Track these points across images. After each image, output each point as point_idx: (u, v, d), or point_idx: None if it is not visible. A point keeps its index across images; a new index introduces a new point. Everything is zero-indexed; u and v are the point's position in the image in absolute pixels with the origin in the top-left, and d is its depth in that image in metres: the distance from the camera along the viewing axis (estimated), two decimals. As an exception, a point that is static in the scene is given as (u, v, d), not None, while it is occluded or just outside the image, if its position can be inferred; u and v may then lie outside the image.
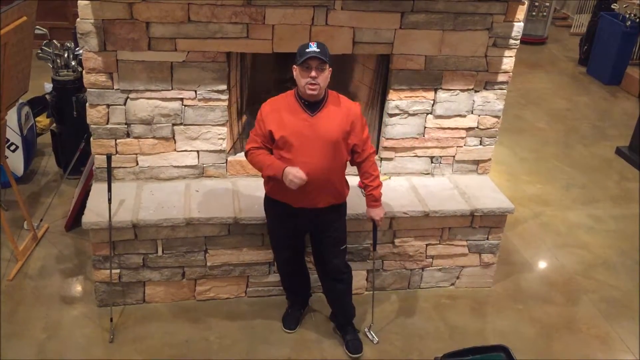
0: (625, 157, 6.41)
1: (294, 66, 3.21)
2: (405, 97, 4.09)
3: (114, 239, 3.69)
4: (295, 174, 3.16)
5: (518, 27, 4.02)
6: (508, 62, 4.11)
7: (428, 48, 3.96)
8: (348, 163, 3.46)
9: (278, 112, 3.26)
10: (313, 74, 3.14)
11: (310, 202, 3.35)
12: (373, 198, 3.50)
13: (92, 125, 3.84)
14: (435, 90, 4.11)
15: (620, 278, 4.62)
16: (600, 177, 6.05)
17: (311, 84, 3.16)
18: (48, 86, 5.57)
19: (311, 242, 3.66)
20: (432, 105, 4.15)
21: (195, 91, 3.84)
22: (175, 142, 3.97)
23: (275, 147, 3.30)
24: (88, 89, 3.75)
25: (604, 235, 5.13)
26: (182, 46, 3.71)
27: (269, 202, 3.53)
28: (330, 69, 3.24)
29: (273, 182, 3.37)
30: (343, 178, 3.45)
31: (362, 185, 3.64)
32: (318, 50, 3.13)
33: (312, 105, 3.26)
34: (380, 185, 3.49)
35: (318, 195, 3.34)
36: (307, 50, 3.14)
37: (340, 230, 3.56)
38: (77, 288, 4.09)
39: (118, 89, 3.76)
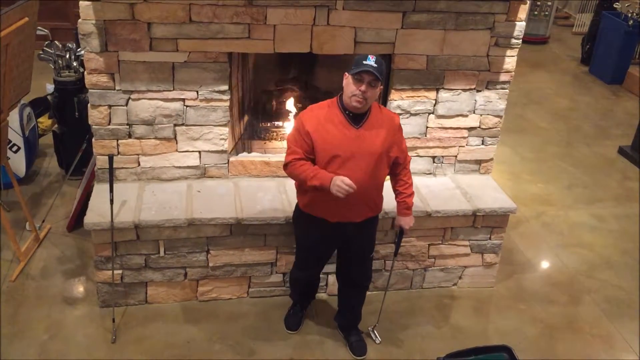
0: (628, 157, 6.40)
1: (346, 73, 3.14)
2: (407, 96, 4.09)
3: (116, 240, 3.69)
4: (343, 182, 3.01)
5: (520, 27, 4.01)
6: (510, 61, 4.10)
7: (430, 48, 3.96)
8: None
9: (322, 124, 3.15)
10: (363, 88, 3.05)
11: (349, 216, 3.29)
12: (406, 205, 3.44)
13: (93, 126, 3.84)
14: (437, 90, 4.11)
15: (623, 278, 4.61)
16: (603, 177, 6.04)
17: (359, 97, 3.07)
18: (50, 87, 5.58)
19: (339, 252, 3.59)
20: (434, 105, 4.15)
21: (197, 91, 3.84)
22: (176, 143, 3.97)
23: (318, 160, 3.19)
24: (90, 90, 3.75)
25: (607, 235, 5.12)
26: (184, 46, 3.71)
27: (303, 217, 3.42)
28: (382, 86, 3.19)
29: (310, 196, 3.28)
30: (381, 191, 3.40)
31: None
32: (375, 65, 3.04)
33: (357, 117, 3.16)
34: (413, 193, 3.45)
35: (358, 209, 3.29)
36: (365, 62, 3.04)
37: (371, 239, 3.54)
38: (79, 289, 4.09)
39: (120, 90, 3.76)
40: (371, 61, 3.05)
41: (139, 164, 3.99)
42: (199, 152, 4.03)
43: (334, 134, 3.15)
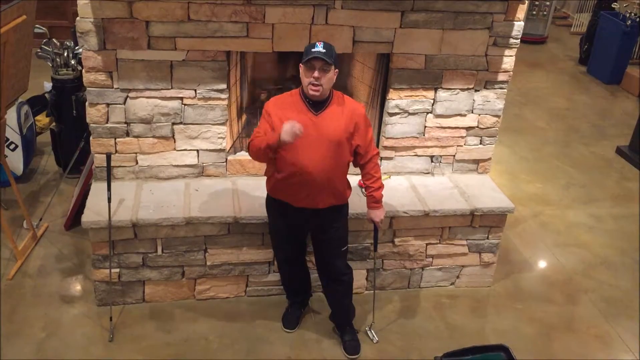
0: (625, 157, 6.41)
1: (300, 64, 3.20)
2: (406, 96, 4.09)
3: (113, 238, 3.69)
4: (291, 125, 3.03)
5: (518, 26, 4.01)
6: (508, 61, 4.11)
7: (428, 47, 3.96)
8: (350, 164, 3.45)
9: (283, 111, 3.25)
10: (316, 74, 3.13)
11: (311, 202, 3.34)
12: (374, 199, 3.49)
13: (91, 124, 3.84)
14: (436, 90, 4.11)
15: (620, 277, 4.62)
16: (600, 177, 6.05)
17: (314, 84, 3.15)
18: (47, 85, 5.56)
19: (312, 243, 3.64)
20: (432, 105, 4.15)
21: (195, 90, 3.84)
22: (174, 141, 3.97)
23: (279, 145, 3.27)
24: (87, 88, 3.75)
25: (604, 235, 5.12)
26: (182, 45, 3.70)
27: (270, 201, 3.53)
28: (337, 70, 3.23)
29: (274, 181, 3.36)
30: (345, 179, 3.44)
31: (363, 185, 3.63)
32: (323, 51, 3.11)
33: (317, 104, 3.25)
34: (381, 187, 3.48)
35: (319, 195, 3.33)
36: (313, 50, 3.12)
37: (341, 232, 3.55)
38: (77, 287, 4.08)
39: (118, 88, 3.76)
40: (319, 47, 3.13)
41: (137, 163, 3.99)
42: (197, 150, 4.02)
43: (293, 118, 3.20)
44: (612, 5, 8.56)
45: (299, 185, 3.28)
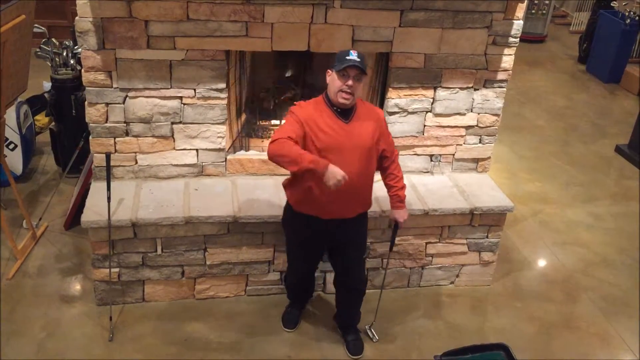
0: (625, 155, 6.41)
1: (329, 70, 3.16)
2: (405, 95, 4.09)
3: (113, 238, 3.69)
4: (339, 173, 2.94)
5: (517, 25, 4.01)
6: (507, 60, 4.10)
7: (427, 46, 3.96)
8: None
9: (312, 119, 3.16)
10: (350, 82, 3.09)
11: (341, 212, 3.29)
12: (398, 199, 3.46)
13: (91, 124, 3.84)
14: (435, 89, 4.11)
15: (620, 276, 4.62)
16: (600, 175, 6.05)
17: (346, 92, 3.10)
18: (47, 85, 5.57)
19: (330, 252, 3.58)
20: (432, 104, 4.15)
21: (195, 89, 3.84)
22: (174, 141, 3.97)
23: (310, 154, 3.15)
24: (87, 88, 3.74)
25: (604, 233, 5.13)
26: (181, 44, 3.70)
27: (293, 215, 3.41)
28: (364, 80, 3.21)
29: (303, 192, 3.25)
30: (372, 185, 3.40)
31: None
32: (358, 60, 3.08)
33: (345, 112, 3.20)
34: (404, 186, 3.45)
35: (350, 205, 3.30)
36: (348, 57, 3.07)
37: (363, 237, 3.53)
38: (77, 287, 4.08)
39: (117, 88, 3.76)
40: (354, 56, 3.09)
41: (137, 162, 3.99)
42: (197, 150, 4.02)
43: (324, 129, 3.16)
44: (612, 4, 8.55)
45: (333, 196, 3.15)
